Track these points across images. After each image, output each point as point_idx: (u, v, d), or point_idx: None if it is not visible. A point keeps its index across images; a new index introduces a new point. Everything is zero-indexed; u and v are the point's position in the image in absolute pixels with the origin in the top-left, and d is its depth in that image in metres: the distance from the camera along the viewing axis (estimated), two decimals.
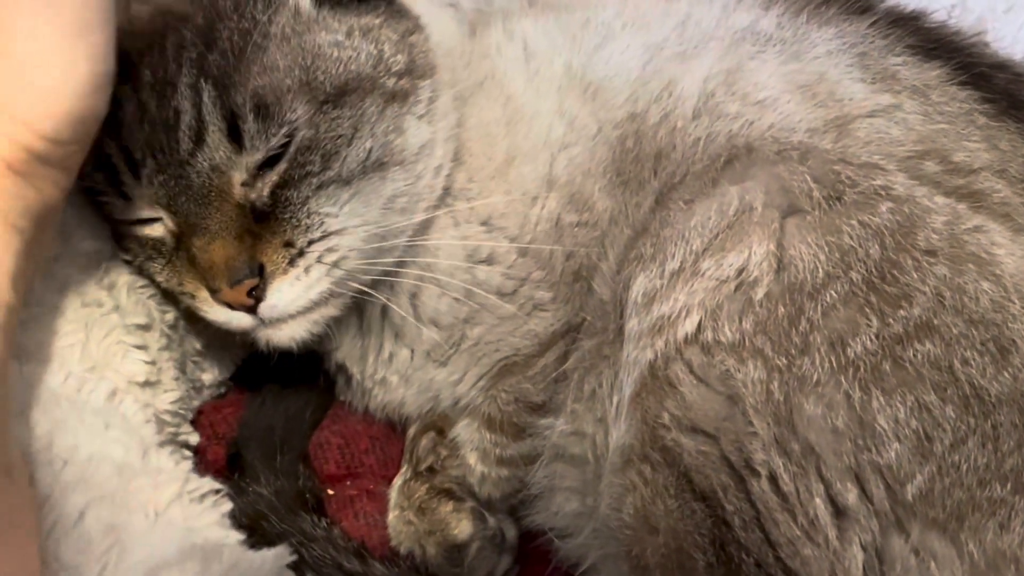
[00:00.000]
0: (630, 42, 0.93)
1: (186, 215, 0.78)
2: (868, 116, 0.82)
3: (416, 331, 0.92)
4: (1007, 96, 0.86)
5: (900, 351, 0.69)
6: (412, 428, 1.03)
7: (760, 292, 0.73)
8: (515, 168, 0.91)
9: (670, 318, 0.75)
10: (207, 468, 0.92)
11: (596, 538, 0.86)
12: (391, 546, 0.94)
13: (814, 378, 0.69)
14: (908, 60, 0.87)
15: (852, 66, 0.86)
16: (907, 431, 0.67)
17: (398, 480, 0.99)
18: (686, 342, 0.74)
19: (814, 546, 0.68)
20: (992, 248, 0.73)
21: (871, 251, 0.72)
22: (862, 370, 0.69)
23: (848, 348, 0.69)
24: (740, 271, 0.74)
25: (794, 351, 0.70)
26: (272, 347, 0.84)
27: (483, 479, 0.96)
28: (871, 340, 0.69)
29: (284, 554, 0.79)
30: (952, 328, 0.69)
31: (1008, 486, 0.66)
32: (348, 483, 0.99)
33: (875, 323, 0.69)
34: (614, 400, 0.81)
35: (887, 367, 0.68)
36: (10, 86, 0.60)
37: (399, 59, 0.85)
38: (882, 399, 0.68)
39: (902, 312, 0.70)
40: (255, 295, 0.78)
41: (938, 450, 0.66)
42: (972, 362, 0.68)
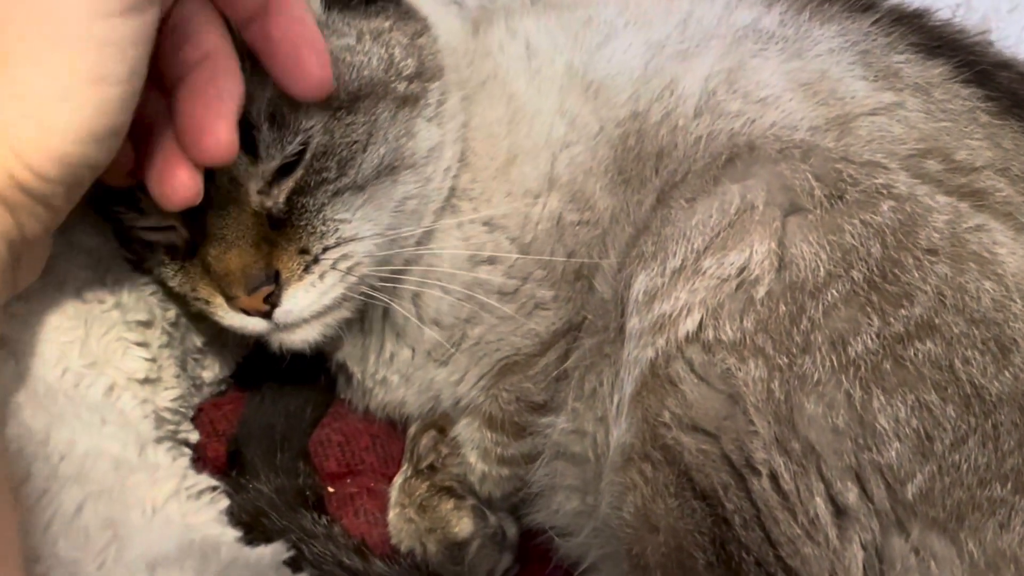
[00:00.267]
0: (632, 40, 0.93)
1: (204, 224, 0.78)
2: (870, 114, 0.82)
3: (417, 331, 0.93)
4: (1010, 95, 0.85)
5: (901, 350, 0.68)
6: (413, 427, 1.03)
7: (761, 291, 0.73)
8: (517, 167, 0.91)
9: (671, 316, 0.75)
10: (207, 465, 0.92)
11: (596, 537, 0.86)
12: (392, 544, 0.94)
13: (815, 377, 0.69)
14: (911, 58, 0.86)
15: (854, 64, 0.86)
16: (907, 430, 0.67)
17: (399, 478, 0.99)
18: (687, 340, 0.74)
19: (814, 545, 0.68)
20: (994, 247, 0.72)
21: (872, 250, 0.72)
22: (863, 369, 0.68)
23: (849, 347, 0.69)
24: (741, 270, 0.74)
25: (795, 350, 0.70)
26: (285, 350, 0.85)
27: (484, 478, 0.97)
28: (872, 339, 0.69)
29: (281, 550, 0.79)
30: (953, 327, 0.69)
31: (1008, 486, 0.66)
32: (348, 481, 0.99)
33: (876, 322, 0.69)
34: (615, 398, 0.80)
35: (888, 366, 0.68)
36: (14, 113, 0.59)
37: (409, 63, 0.85)
38: (883, 398, 0.67)
39: (903, 311, 0.69)
40: (270, 301, 0.78)
41: (938, 449, 0.66)
42: (973, 361, 0.68)
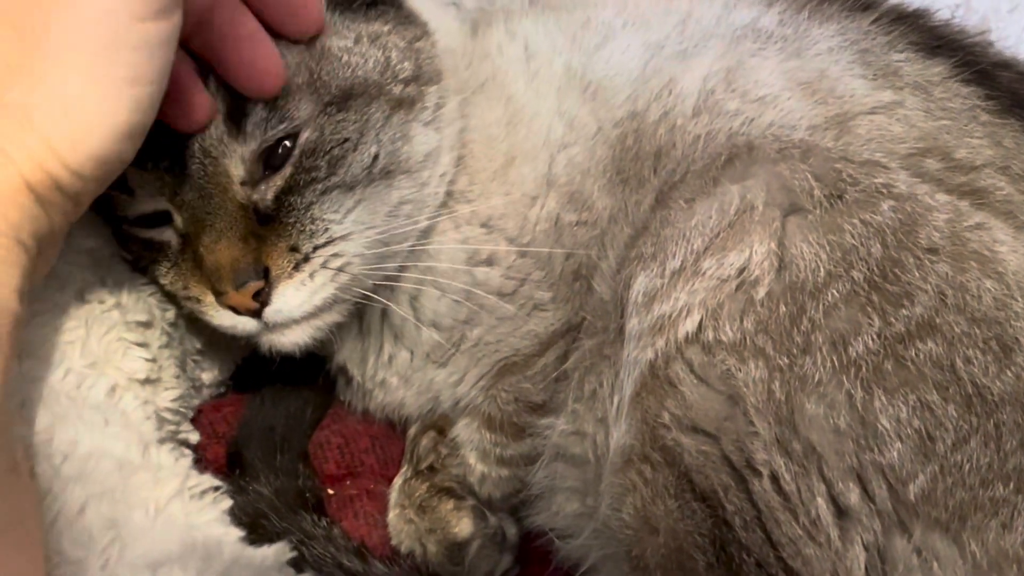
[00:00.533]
0: (630, 41, 0.93)
1: (192, 209, 0.78)
2: (869, 113, 0.82)
3: (416, 333, 0.93)
4: (1011, 94, 0.85)
5: (902, 350, 0.68)
6: (412, 428, 1.03)
7: (761, 291, 0.73)
8: (515, 169, 0.91)
9: (671, 317, 0.75)
10: (207, 467, 0.92)
11: (597, 538, 0.86)
12: (391, 545, 0.94)
13: (816, 378, 0.69)
14: (910, 56, 0.87)
15: (853, 63, 0.86)
16: (909, 431, 0.67)
17: (398, 479, 0.99)
18: (687, 341, 0.74)
19: (816, 546, 0.68)
20: (994, 246, 0.72)
21: (873, 250, 0.71)
22: (864, 369, 0.68)
23: (850, 347, 0.69)
24: (741, 270, 0.74)
25: (795, 350, 0.70)
26: (276, 352, 0.84)
27: (483, 479, 0.96)
28: (873, 339, 0.69)
29: (284, 550, 0.79)
30: (954, 327, 0.68)
31: (1011, 485, 0.66)
32: (348, 483, 0.99)
33: (877, 322, 0.69)
34: (614, 400, 0.80)
35: (889, 366, 0.68)
36: (53, 114, 0.62)
37: (406, 66, 0.85)
38: (884, 398, 0.67)
39: (904, 311, 0.69)
40: (260, 299, 0.78)
41: (940, 450, 0.66)
42: (974, 361, 0.68)
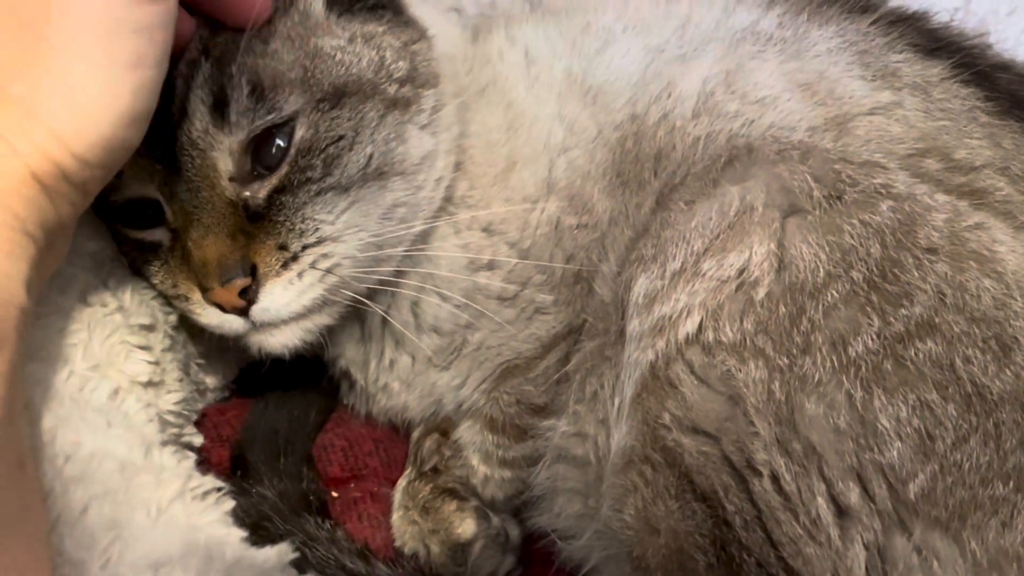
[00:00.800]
0: (630, 46, 0.93)
1: (181, 203, 0.78)
2: (868, 114, 0.82)
3: (417, 337, 0.93)
4: (1010, 95, 0.86)
5: (901, 350, 0.69)
6: (416, 431, 1.03)
7: (761, 292, 0.73)
8: (516, 173, 0.91)
9: (671, 318, 0.76)
10: (211, 470, 0.92)
11: (598, 539, 0.86)
12: (395, 546, 0.94)
13: (815, 378, 0.69)
14: (909, 57, 0.87)
15: (852, 64, 0.86)
16: (909, 430, 0.67)
17: (402, 481, 0.99)
18: (687, 342, 0.74)
19: (816, 545, 0.68)
20: (993, 245, 0.73)
21: (872, 250, 0.72)
22: (863, 369, 0.69)
23: (849, 347, 0.69)
24: (741, 271, 0.74)
25: (795, 351, 0.70)
26: (265, 353, 0.84)
27: (486, 480, 0.97)
28: (872, 339, 0.69)
29: (287, 551, 0.79)
30: (953, 326, 0.69)
31: (1010, 484, 0.66)
32: (352, 485, 0.99)
33: (876, 322, 0.70)
34: (615, 401, 0.81)
35: (888, 366, 0.68)
36: (57, 102, 0.63)
37: (400, 66, 0.85)
38: (884, 398, 0.68)
39: (903, 311, 0.70)
40: (247, 297, 0.78)
41: (940, 449, 0.66)
42: (974, 360, 0.68)
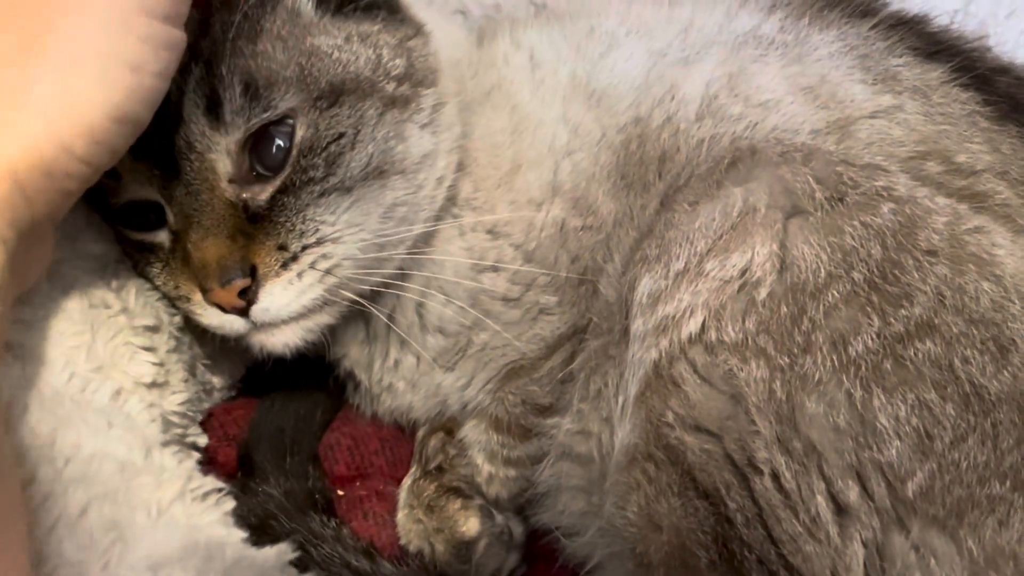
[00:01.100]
0: (634, 49, 0.94)
1: (180, 205, 0.78)
2: (869, 117, 0.83)
3: (422, 338, 0.93)
4: (1009, 99, 0.86)
5: (901, 350, 0.69)
6: (421, 430, 1.04)
7: (763, 292, 0.73)
8: (521, 176, 0.91)
9: (674, 318, 0.76)
10: (218, 469, 0.93)
11: (602, 536, 0.87)
12: (400, 545, 0.95)
13: (816, 377, 0.70)
14: (909, 61, 0.87)
15: (853, 68, 0.87)
16: (908, 429, 0.67)
17: (407, 480, 0.99)
18: (690, 342, 0.75)
19: (816, 543, 0.69)
20: (993, 249, 0.73)
21: (873, 251, 0.72)
22: (863, 369, 0.69)
23: (850, 347, 0.70)
24: (743, 271, 0.75)
25: (796, 350, 0.71)
26: (266, 353, 0.85)
27: (490, 479, 0.97)
28: (872, 339, 0.70)
29: (286, 551, 0.79)
30: (952, 327, 0.69)
31: (1007, 483, 0.66)
32: (357, 484, 1.00)
33: (876, 322, 0.70)
34: (619, 399, 0.81)
35: (888, 366, 0.69)
36: (50, 83, 0.62)
37: (397, 63, 0.86)
38: (883, 397, 0.68)
39: (903, 311, 0.70)
40: (247, 297, 0.78)
41: (938, 448, 0.67)
42: (972, 361, 0.68)
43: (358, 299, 0.85)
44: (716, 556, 0.72)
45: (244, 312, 0.79)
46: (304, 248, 0.79)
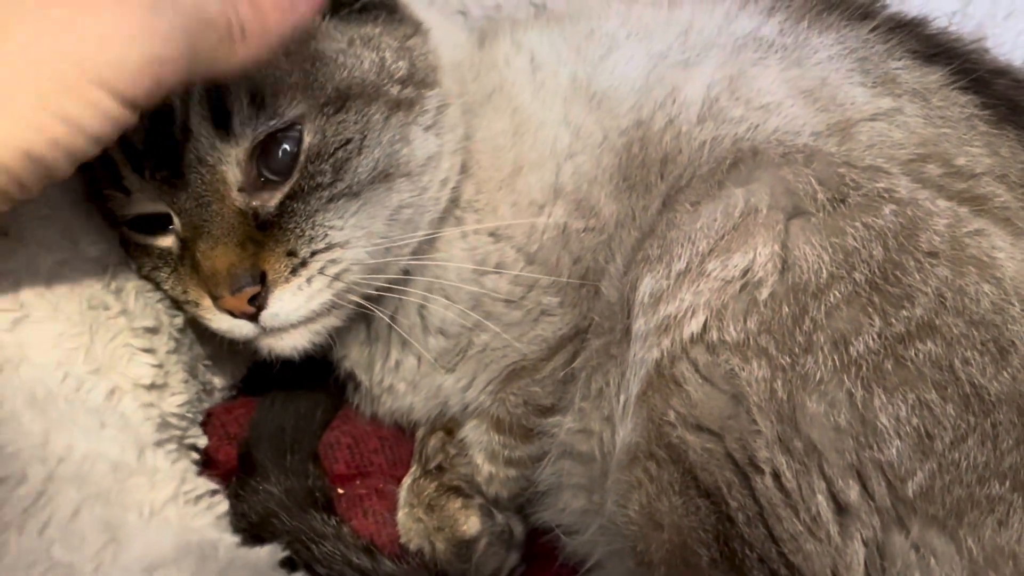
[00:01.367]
0: (634, 52, 0.94)
1: (190, 215, 0.78)
2: (869, 120, 0.83)
3: (423, 339, 0.93)
4: (1007, 102, 0.87)
5: (902, 350, 0.69)
6: (421, 429, 1.04)
7: (765, 292, 0.74)
8: (522, 178, 0.91)
9: (676, 318, 0.76)
10: (218, 469, 0.93)
11: (602, 535, 0.87)
12: (401, 543, 0.95)
13: (817, 377, 0.70)
14: (908, 64, 0.88)
15: (853, 71, 0.87)
16: (908, 429, 0.68)
17: (408, 479, 1.00)
18: (692, 341, 0.75)
19: (816, 542, 0.69)
20: (993, 251, 0.74)
21: (874, 252, 0.73)
22: (864, 369, 0.69)
23: (851, 347, 0.70)
24: (745, 272, 0.75)
25: (798, 350, 0.71)
26: (274, 356, 0.85)
27: (491, 478, 0.97)
28: (873, 339, 0.70)
29: (277, 550, 0.79)
30: (953, 328, 0.70)
31: (1007, 484, 0.67)
32: (357, 482, 1.00)
33: (877, 323, 0.70)
34: (621, 398, 0.81)
35: (889, 366, 0.69)
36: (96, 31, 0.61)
37: (401, 65, 0.86)
38: (884, 397, 0.69)
39: (904, 312, 0.71)
40: (257, 303, 0.78)
41: (938, 448, 0.67)
42: (972, 362, 0.69)
43: (364, 302, 0.85)
44: (717, 554, 0.72)
45: (254, 317, 0.79)
46: (313, 253, 0.79)
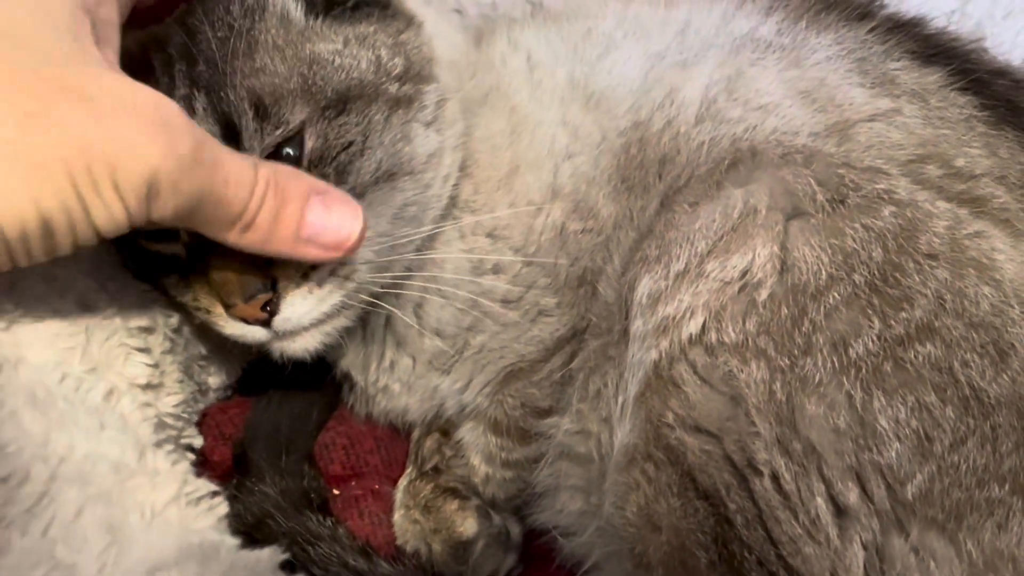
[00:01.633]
0: (631, 52, 0.94)
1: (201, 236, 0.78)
2: (868, 121, 0.83)
3: (419, 339, 0.93)
4: (1006, 103, 0.87)
5: (901, 352, 0.69)
6: (416, 431, 1.03)
7: (764, 293, 0.74)
8: (519, 178, 0.91)
9: (675, 319, 0.76)
10: (213, 469, 0.93)
11: (600, 536, 0.87)
12: (397, 545, 0.95)
13: (816, 378, 0.70)
14: (907, 65, 0.88)
15: (851, 71, 0.87)
16: (907, 431, 0.68)
17: (403, 480, 0.99)
18: (690, 343, 0.75)
19: (815, 544, 0.69)
20: (992, 253, 0.74)
21: (873, 254, 0.73)
22: (863, 371, 0.69)
23: (850, 349, 0.70)
24: (744, 273, 0.75)
25: (796, 352, 0.71)
26: (287, 358, 0.85)
27: (487, 480, 0.97)
28: (873, 341, 0.70)
29: (277, 553, 0.79)
30: (952, 330, 0.70)
31: (1006, 486, 0.67)
32: (353, 483, 1.00)
33: (877, 324, 0.70)
34: (619, 400, 0.81)
35: (888, 368, 0.69)
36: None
37: (397, 62, 0.85)
38: (883, 399, 0.68)
39: (903, 314, 0.70)
40: (269, 309, 0.78)
41: (938, 450, 0.67)
42: (972, 364, 0.69)
43: (372, 300, 0.85)
44: (716, 557, 0.72)
45: (266, 323, 0.79)
46: None
